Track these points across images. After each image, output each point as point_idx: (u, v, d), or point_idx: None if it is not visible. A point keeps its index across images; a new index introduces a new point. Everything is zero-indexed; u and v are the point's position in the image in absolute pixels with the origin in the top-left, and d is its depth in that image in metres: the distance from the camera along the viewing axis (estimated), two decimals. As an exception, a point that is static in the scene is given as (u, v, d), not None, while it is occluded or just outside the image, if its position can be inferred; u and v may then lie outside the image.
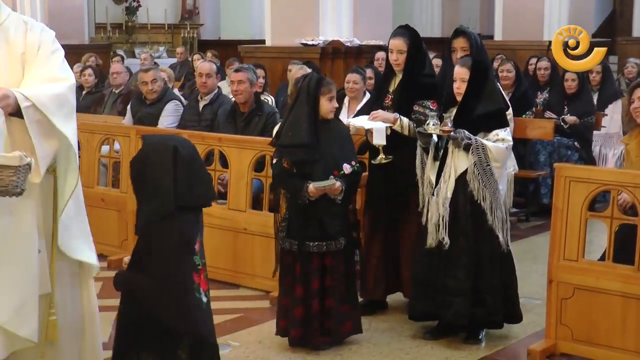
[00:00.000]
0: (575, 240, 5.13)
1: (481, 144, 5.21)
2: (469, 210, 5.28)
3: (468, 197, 5.27)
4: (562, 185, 5.17)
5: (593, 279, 5.07)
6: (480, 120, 5.29)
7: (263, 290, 6.34)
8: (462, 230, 5.29)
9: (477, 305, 5.30)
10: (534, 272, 6.86)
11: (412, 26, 5.85)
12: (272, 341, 5.41)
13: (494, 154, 5.22)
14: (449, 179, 5.29)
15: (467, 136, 5.20)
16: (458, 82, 5.34)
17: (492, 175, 5.24)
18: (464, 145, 5.21)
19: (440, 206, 5.28)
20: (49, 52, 3.91)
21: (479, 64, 5.37)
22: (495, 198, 5.26)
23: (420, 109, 5.66)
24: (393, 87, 5.79)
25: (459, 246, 5.28)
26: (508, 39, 14.01)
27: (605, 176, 5.20)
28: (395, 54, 5.69)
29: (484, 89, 5.31)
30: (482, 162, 5.21)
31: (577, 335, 5.15)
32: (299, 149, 5.13)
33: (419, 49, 5.74)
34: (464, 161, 5.25)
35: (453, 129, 5.20)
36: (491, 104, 5.31)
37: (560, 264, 5.18)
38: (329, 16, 11.26)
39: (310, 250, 5.17)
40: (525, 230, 8.60)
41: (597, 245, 5.96)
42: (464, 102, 5.32)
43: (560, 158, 9.07)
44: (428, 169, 5.43)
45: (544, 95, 10.11)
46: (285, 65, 9.97)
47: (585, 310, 5.11)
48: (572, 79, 9.49)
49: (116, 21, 19.27)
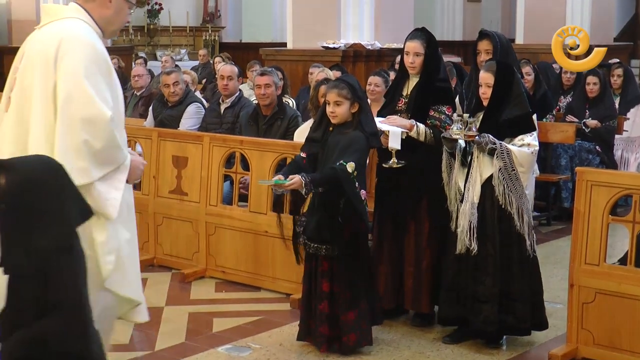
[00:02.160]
0: (596, 244, 5.11)
1: (506, 149, 5.18)
2: (496, 215, 5.25)
3: (495, 203, 5.24)
4: (584, 189, 5.16)
5: (615, 284, 5.05)
6: (506, 125, 5.27)
7: (284, 292, 6.35)
8: (490, 236, 5.26)
9: (505, 312, 5.26)
10: (555, 276, 6.84)
11: (428, 29, 5.80)
12: (293, 344, 5.41)
13: (518, 159, 5.18)
14: (475, 185, 5.27)
15: (491, 141, 5.17)
16: (484, 87, 5.32)
17: (517, 179, 5.21)
18: (488, 149, 5.18)
19: (468, 212, 5.25)
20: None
21: (504, 69, 5.33)
22: (522, 203, 5.23)
23: (436, 114, 5.59)
24: (407, 91, 5.71)
25: (487, 252, 5.25)
26: (529, 42, 13.98)
27: (627, 180, 5.18)
28: (411, 56, 5.61)
29: (510, 94, 5.29)
30: (507, 166, 5.19)
31: (599, 339, 5.13)
32: (307, 142, 5.31)
33: (435, 52, 5.68)
34: (489, 166, 5.23)
35: (477, 134, 5.18)
36: (517, 108, 5.28)
37: (582, 268, 5.17)
38: (351, 19, 11.27)
39: (310, 251, 5.18)
40: (546, 234, 8.57)
41: (619, 250, 5.95)
42: (489, 107, 5.31)
43: (581, 162, 9.03)
44: (456, 174, 5.41)
45: (567, 99, 10.07)
46: (307, 68, 9.99)
47: (606, 315, 5.09)
48: (594, 83, 9.45)
49: (138, 24, 19.38)
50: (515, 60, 6.06)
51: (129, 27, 18.71)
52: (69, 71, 3.64)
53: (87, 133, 3.59)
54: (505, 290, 5.25)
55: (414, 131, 5.50)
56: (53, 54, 3.67)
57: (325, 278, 5.17)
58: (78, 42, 3.69)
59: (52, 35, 3.74)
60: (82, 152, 3.58)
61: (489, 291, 5.24)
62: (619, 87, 10.16)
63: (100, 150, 3.62)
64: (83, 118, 3.59)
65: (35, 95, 3.69)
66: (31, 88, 3.72)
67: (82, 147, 3.58)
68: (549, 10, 13.72)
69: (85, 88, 3.61)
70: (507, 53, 5.91)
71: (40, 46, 3.75)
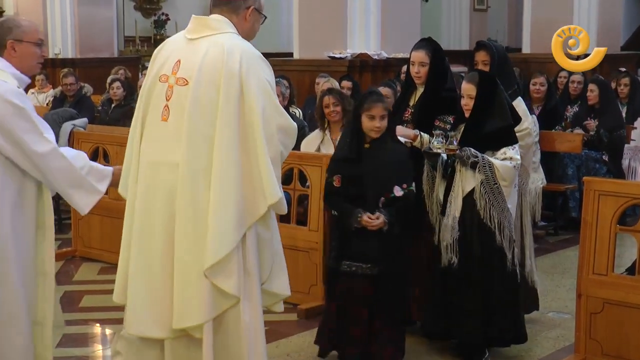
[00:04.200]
0: (604, 254, 5.10)
1: (488, 162, 5.11)
2: (477, 229, 5.18)
3: (476, 217, 5.17)
4: (591, 198, 5.14)
5: (623, 294, 5.03)
6: (488, 138, 5.19)
7: (291, 303, 6.33)
8: (471, 250, 5.20)
9: (489, 325, 5.21)
10: (563, 286, 6.82)
11: (435, 39, 5.76)
12: (300, 354, 5.41)
13: (501, 173, 5.10)
14: (457, 198, 5.21)
15: (472, 154, 5.10)
16: (465, 98, 5.23)
17: (500, 193, 5.14)
18: (470, 163, 5.11)
19: (450, 226, 5.21)
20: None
21: (486, 80, 5.26)
22: (504, 217, 5.16)
23: (441, 124, 5.50)
24: (413, 101, 5.67)
25: (469, 266, 5.19)
26: (536, 51, 13.97)
27: (634, 190, 5.17)
28: (417, 66, 5.57)
29: (493, 105, 5.19)
30: (489, 180, 5.11)
31: (607, 350, 5.11)
32: (344, 163, 5.11)
33: (441, 62, 5.63)
34: (471, 180, 5.16)
35: (458, 147, 5.13)
36: (499, 120, 5.19)
37: (590, 278, 5.15)
38: (357, 29, 11.27)
39: (347, 269, 5.05)
40: (553, 244, 8.55)
41: (627, 260, 5.93)
42: (471, 119, 5.22)
43: (588, 171, 9.00)
44: (437, 187, 5.37)
45: (574, 108, 10.05)
46: (313, 78, 10.01)
47: (615, 325, 5.07)
48: (591, 90, 9.42)
49: (145, 34, 19.43)
50: (511, 71, 6.00)
51: (136, 37, 18.77)
52: (261, 88, 3.88)
53: (282, 144, 3.94)
54: (488, 304, 5.19)
55: (418, 141, 5.44)
56: (237, 71, 3.85)
57: (365, 302, 5.05)
58: (257, 58, 3.95)
59: (229, 51, 3.89)
60: (278, 161, 3.93)
61: (472, 304, 5.18)
62: (626, 96, 10.13)
63: (284, 156, 4.03)
64: (279, 131, 3.92)
65: (224, 111, 3.83)
66: (214, 103, 3.85)
67: (278, 157, 3.94)
68: (556, 19, 13.67)
69: (276, 103, 3.93)
70: (504, 64, 5.86)
71: (216, 61, 3.87)
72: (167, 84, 3.97)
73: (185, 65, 3.94)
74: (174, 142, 3.90)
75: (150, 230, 3.96)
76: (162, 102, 3.98)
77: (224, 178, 3.83)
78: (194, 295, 3.88)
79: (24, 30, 4.23)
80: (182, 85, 3.92)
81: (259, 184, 3.88)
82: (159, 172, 3.95)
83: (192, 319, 3.89)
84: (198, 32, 4.03)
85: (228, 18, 4.03)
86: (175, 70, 3.96)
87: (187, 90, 3.90)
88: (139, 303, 4.01)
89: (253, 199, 3.90)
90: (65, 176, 4.13)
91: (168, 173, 3.91)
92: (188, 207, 3.86)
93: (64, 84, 10.96)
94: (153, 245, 3.96)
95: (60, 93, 11.04)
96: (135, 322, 4.03)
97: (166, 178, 3.92)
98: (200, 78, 3.87)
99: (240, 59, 3.87)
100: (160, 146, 3.96)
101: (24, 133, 4.02)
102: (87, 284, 7.04)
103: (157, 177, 3.96)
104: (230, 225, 3.85)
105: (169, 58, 4.04)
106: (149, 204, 3.98)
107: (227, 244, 3.85)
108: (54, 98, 11.46)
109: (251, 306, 4.01)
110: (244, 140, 3.86)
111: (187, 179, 3.85)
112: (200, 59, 3.90)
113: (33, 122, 4.07)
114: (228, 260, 3.86)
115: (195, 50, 3.95)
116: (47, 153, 4.06)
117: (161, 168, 3.95)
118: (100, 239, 7.77)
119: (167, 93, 3.97)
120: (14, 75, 4.18)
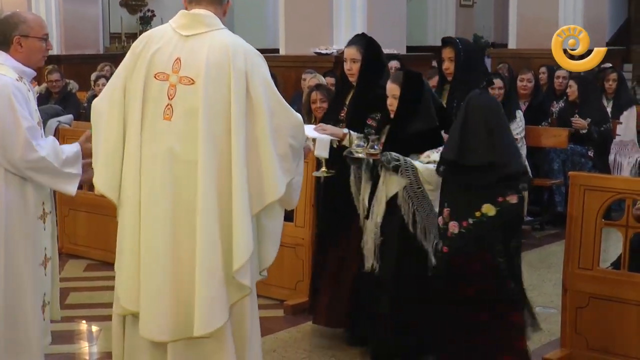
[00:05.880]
0: (590, 248, 5.11)
1: (411, 165, 4.95)
2: (400, 234, 5.04)
3: (399, 222, 5.02)
4: (577, 193, 5.16)
5: (608, 288, 5.05)
6: (412, 140, 5.02)
7: (277, 299, 6.34)
8: (392, 256, 5.07)
9: (403, 333, 5.05)
10: (549, 281, 6.84)
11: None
12: (287, 350, 5.41)
13: (424, 176, 4.94)
14: (380, 203, 5.07)
15: (394, 158, 4.93)
16: (390, 98, 5.07)
17: (424, 198, 4.97)
18: (392, 167, 4.95)
19: (372, 231, 5.10)
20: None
21: (412, 79, 5.08)
22: (428, 222, 4.98)
23: (373, 122, 5.31)
24: (348, 100, 5.50)
25: (387, 272, 5.06)
26: (522, 47, 13.99)
27: (620, 184, 5.19)
28: (349, 63, 5.38)
29: (418, 107, 5.03)
30: (412, 184, 4.96)
31: (593, 344, 5.13)
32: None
33: (376, 58, 5.41)
34: (395, 184, 5.01)
35: (379, 152, 4.96)
36: (425, 122, 5.02)
37: (575, 273, 5.16)
38: (343, 25, 11.27)
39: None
40: (540, 239, 8.58)
41: (613, 254, 5.95)
42: (395, 120, 5.07)
43: (573, 166, 9.04)
44: (362, 190, 5.24)
45: (560, 104, 10.08)
46: (299, 74, 9.99)
47: (600, 320, 5.09)
48: (570, 86, 9.46)
49: (131, 31, 19.32)
50: (484, 69, 5.81)
51: (122, 34, 18.70)
52: (266, 86, 3.93)
53: (292, 138, 3.97)
54: (402, 312, 5.04)
55: (346, 140, 5.25)
56: (243, 70, 3.87)
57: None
58: (257, 56, 4.02)
59: (233, 50, 3.91)
60: (288, 155, 3.96)
61: (386, 311, 5.06)
62: (613, 91, 10.17)
63: (298, 148, 4.04)
64: (288, 125, 3.97)
65: (237, 109, 3.83)
66: (226, 102, 3.84)
67: (289, 150, 3.96)
68: (542, 15, 13.73)
69: (281, 99, 3.99)
70: (475, 61, 5.66)
71: (222, 60, 3.87)
72: (168, 83, 3.91)
73: (188, 64, 3.90)
74: (182, 141, 3.86)
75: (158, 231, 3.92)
76: (164, 101, 3.91)
77: (242, 177, 3.83)
78: (217, 297, 3.85)
79: (30, 26, 4.28)
80: (187, 84, 3.88)
81: (264, 181, 3.89)
82: (164, 171, 3.90)
83: (217, 322, 3.85)
84: (193, 29, 3.98)
85: (213, 12, 4.02)
86: (176, 68, 3.91)
87: (194, 89, 3.86)
88: (153, 306, 3.95)
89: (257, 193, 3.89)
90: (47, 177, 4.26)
91: (176, 171, 3.88)
92: (210, 207, 3.83)
93: (49, 80, 10.92)
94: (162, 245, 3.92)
95: (46, 90, 10.99)
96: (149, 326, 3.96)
97: (174, 176, 3.88)
98: (208, 77, 3.84)
99: (245, 57, 3.90)
100: (164, 145, 3.89)
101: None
102: (73, 281, 7.02)
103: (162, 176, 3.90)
104: (250, 223, 3.86)
105: (162, 55, 3.96)
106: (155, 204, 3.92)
107: (252, 242, 3.87)
108: (39, 95, 11.40)
109: (252, 296, 4.04)
110: (251, 136, 3.86)
111: (207, 179, 3.82)
112: (205, 58, 3.86)
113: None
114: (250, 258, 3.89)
115: (195, 48, 3.92)
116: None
117: (166, 166, 3.89)
118: (87, 236, 7.75)
119: (169, 92, 3.91)
120: (15, 69, 4.25)
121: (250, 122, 3.87)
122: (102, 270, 7.30)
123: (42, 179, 4.21)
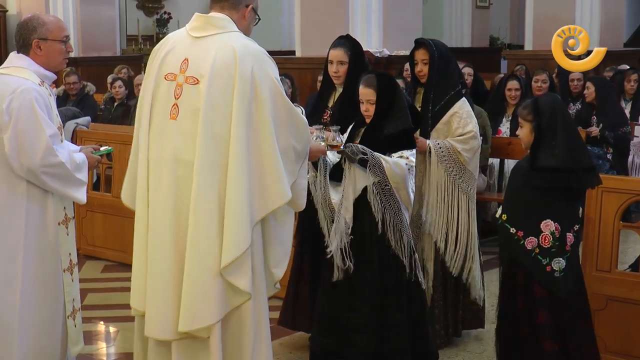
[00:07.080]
0: (608, 250, 5.09)
1: (377, 160, 4.75)
2: (373, 235, 4.83)
3: (371, 222, 4.82)
4: (594, 195, 5.13)
5: (627, 290, 5.03)
6: (386, 141, 4.86)
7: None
8: (366, 259, 4.85)
9: (382, 342, 4.83)
10: (567, 283, 6.80)
11: (353, 36, 5.49)
12: (276, 350, 5.35)
13: (391, 166, 4.74)
14: (348, 200, 4.84)
15: (360, 150, 4.75)
16: (365, 104, 4.91)
17: (392, 195, 4.79)
18: (358, 160, 4.75)
19: (340, 231, 4.86)
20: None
21: (385, 82, 4.95)
22: (398, 220, 4.81)
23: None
24: (332, 102, 5.38)
25: (363, 277, 4.83)
26: (538, 48, 13.96)
27: (638, 186, 5.16)
28: (335, 65, 5.27)
29: (392, 108, 4.89)
30: (381, 180, 4.77)
31: (611, 346, 5.10)
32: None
33: (361, 60, 5.33)
34: (363, 180, 4.81)
35: (341, 143, 4.74)
36: (400, 123, 4.87)
37: (593, 275, 5.14)
38: (359, 27, 11.27)
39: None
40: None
41: (631, 256, 5.92)
42: (372, 123, 4.93)
43: (591, 168, 8.96)
44: (324, 191, 5.03)
45: (576, 106, 10.04)
46: (315, 76, 10.00)
47: (618, 322, 5.07)
48: (588, 87, 9.43)
49: (147, 33, 19.42)
50: (457, 70, 5.62)
51: (138, 36, 18.77)
52: (272, 89, 3.92)
53: (293, 139, 4.00)
54: (381, 319, 4.84)
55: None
56: (250, 73, 3.86)
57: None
58: (266, 58, 3.99)
59: (241, 52, 3.90)
60: (291, 156, 3.99)
61: (365, 320, 4.83)
62: (634, 92, 10.11)
63: (300, 150, 4.06)
64: (290, 127, 3.98)
65: (238, 112, 3.84)
66: (228, 104, 3.85)
67: (291, 152, 3.99)
68: (558, 16, 13.69)
69: (287, 101, 3.99)
70: (448, 62, 5.47)
71: (228, 63, 3.87)
72: (176, 83, 3.95)
73: (195, 64, 3.93)
74: (185, 140, 3.89)
75: (161, 231, 3.94)
76: (171, 101, 3.96)
77: (239, 178, 3.83)
78: (204, 295, 3.85)
79: (49, 29, 4.29)
80: (192, 84, 3.91)
81: (269, 184, 3.90)
82: (169, 171, 3.93)
83: (203, 321, 3.86)
84: (203, 31, 4.01)
85: (229, 15, 4.03)
86: (183, 69, 3.95)
87: (198, 89, 3.89)
88: (156, 305, 3.98)
89: (262, 196, 3.90)
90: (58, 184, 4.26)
91: (179, 171, 3.90)
92: (201, 206, 3.84)
93: (66, 83, 10.97)
94: (164, 245, 3.94)
95: (63, 92, 11.04)
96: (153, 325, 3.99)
97: (176, 176, 3.91)
98: (213, 78, 3.86)
99: (252, 61, 3.90)
100: (170, 145, 3.93)
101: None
102: (90, 282, 7.04)
103: (167, 176, 3.94)
104: (247, 223, 3.85)
105: (173, 56, 4.02)
106: (160, 205, 3.96)
107: (243, 241, 3.85)
108: (57, 97, 11.45)
109: (256, 304, 4.01)
110: (255, 139, 3.87)
111: (201, 178, 3.84)
112: (212, 59, 3.89)
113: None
114: (244, 258, 3.86)
115: (203, 49, 3.95)
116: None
117: (171, 166, 3.92)
118: (104, 237, 7.78)
119: (175, 91, 3.95)
120: (37, 73, 4.26)
121: (257, 125, 3.88)
122: (119, 271, 7.33)
123: (55, 185, 4.20)
